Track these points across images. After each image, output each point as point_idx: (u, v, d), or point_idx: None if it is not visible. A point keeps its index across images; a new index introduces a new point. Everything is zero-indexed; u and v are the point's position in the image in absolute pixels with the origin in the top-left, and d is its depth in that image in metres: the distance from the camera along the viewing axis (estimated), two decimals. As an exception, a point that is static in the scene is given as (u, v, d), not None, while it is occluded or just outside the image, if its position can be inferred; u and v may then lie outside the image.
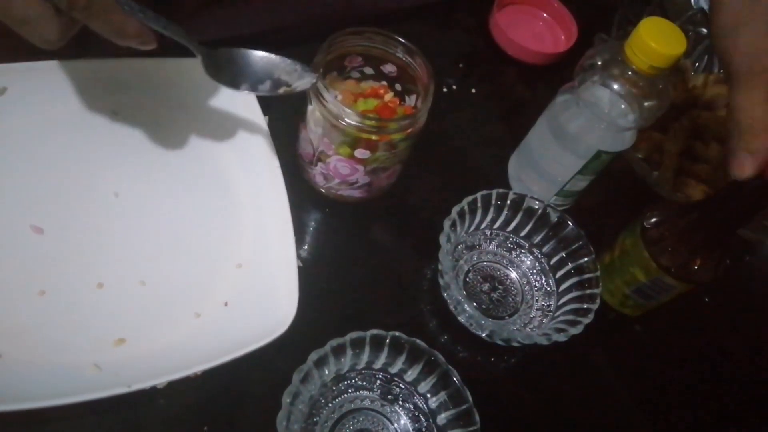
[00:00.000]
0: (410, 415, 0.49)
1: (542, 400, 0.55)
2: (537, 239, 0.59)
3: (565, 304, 0.56)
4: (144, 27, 0.44)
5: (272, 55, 0.50)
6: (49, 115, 0.54)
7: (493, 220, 0.59)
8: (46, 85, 0.54)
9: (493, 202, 0.57)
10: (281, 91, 0.50)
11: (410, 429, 0.49)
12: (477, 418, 0.46)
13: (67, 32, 0.41)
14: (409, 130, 0.50)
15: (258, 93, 0.50)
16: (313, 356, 0.44)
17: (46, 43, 0.41)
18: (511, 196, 0.57)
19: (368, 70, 0.56)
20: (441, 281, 0.54)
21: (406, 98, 0.57)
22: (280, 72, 0.50)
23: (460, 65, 0.73)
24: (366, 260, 0.57)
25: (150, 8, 0.44)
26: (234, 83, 0.49)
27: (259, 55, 0.50)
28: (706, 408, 0.58)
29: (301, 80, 0.49)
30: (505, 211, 0.58)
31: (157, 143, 0.56)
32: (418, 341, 0.47)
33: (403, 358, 0.48)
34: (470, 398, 0.46)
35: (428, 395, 0.49)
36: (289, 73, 0.50)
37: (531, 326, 0.56)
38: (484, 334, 0.53)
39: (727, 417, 0.58)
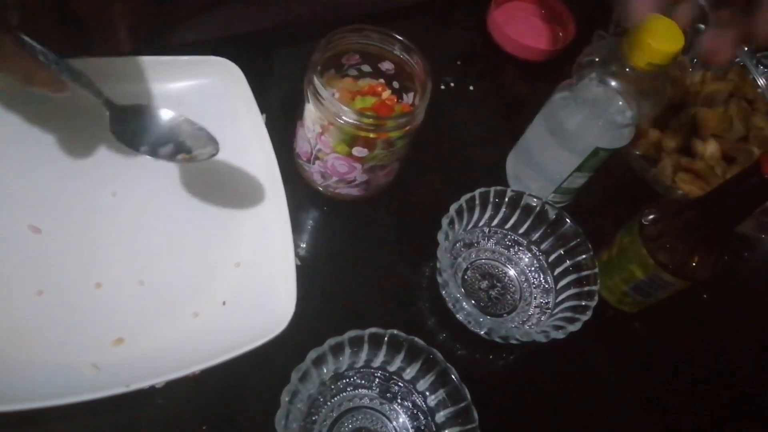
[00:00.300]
0: (409, 413, 0.49)
1: (541, 397, 0.55)
2: (535, 236, 0.59)
3: (563, 301, 0.56)
4: (55, 76, 0.44)
5: (180, 117, 0.50)
6: (46, 114, 0.54)
7: (492, 218, 0.59)
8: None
9: (491, 199, 0.57)
10: (180, 157, 0.49)
11: (409, 427, 0.49)
12: (475, 415, 0.46)
13: None
14: (407, 128, 0.50)
15: (157, 156, 0.49)
16: (312, 355, 0.44)
17: None
18: (509, 193, 0.57)
19: (366, 68, 0.56)
20: (439, 279, 0.54)
21: (404, 96, 0.57)
22: (185, 136, 0.49)
23: (458, 62, 0.73)
24: (364, 258, 0.57)
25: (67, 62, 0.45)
26: (135, 142, 0.49)
27: (166, 115, 0.50)
28: (705, 404, 0.58)
29: (203, 149, 0.49)
30: (503, 209, 0.58)
31: (155, 142, 0.56)
32: (416, 339, 0.47)
33: (401, 356, 0.48)
34: (469, 396, 0.46)
35: (427, 393, 0.49)
36: (194, 138, 0.49)
37: (529, 324, 0.56)
38: (482, 332, 0.53)
39: (725, 414, 0.58)
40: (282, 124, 0.57)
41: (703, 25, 0.76)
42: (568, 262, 0.57)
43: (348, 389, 0.49)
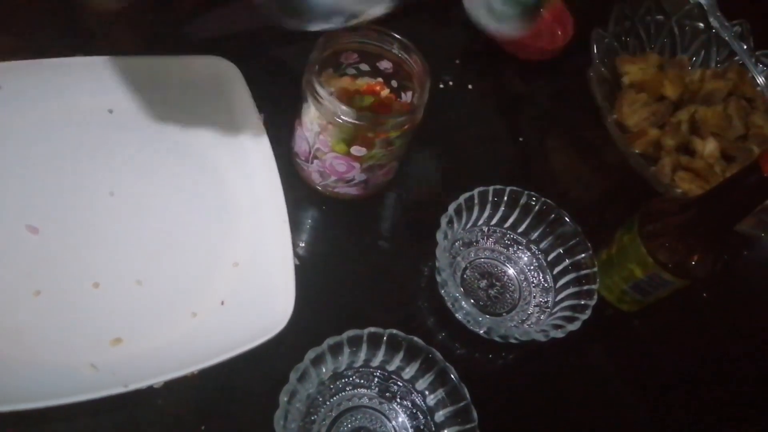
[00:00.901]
0: (408, 412, 0.49)
1: (540, 396, 0.55)
2: (534, 235, 0.59)
3: (562, 300, 0.56)
4: None
5: None
6: (44, 113, 0.54)
7: (490, 217, 0.59)
8: (41, 84, 0.54)
9: (490, 198, 0.57)
10: (353, 21, 0.44)
11: (408, 426, 0.49)
12: (475, 415, 0.46)
13: None
14: (406, 127, 0.50)
15: (330, 26, 0.44)
16: (310, 354, 0.44)
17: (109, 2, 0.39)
18: (508, 192, 0.57)
19: (364, 67, 0.56)
20: (438, 278, 0.54)
21: (402, 95, 0.56)
22: None
23: (457, 61, 0.73)
24: (363, 258, 0.57)
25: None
26: (304, 19, 0.43)
27: None
28: (704, 403, 0.58)
29: (373, 3, 0.43)
30: (502, 208, 0.58)
31: (153, 142, 0.56)
32: (415, 339, 0.47)
33: (400, 355, 0.48)
34: (468, 395, 0.46)
35: (426, 392, 0.49)
36: None
37: (529, 323, 0.56)
38: (481, 331, 0.53)
39: (724, 412, 0.58)
40: (280, 124, 0.57)
41: (702, 24, 0.76)
42: (567, 260, 0.57)
43: (347, 389, 0.49)
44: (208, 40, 0.62)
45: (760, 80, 0.75)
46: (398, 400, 0.50)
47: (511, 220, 0.59)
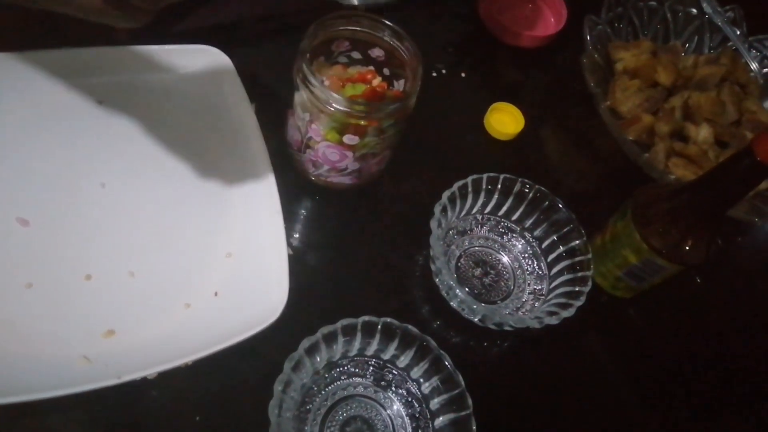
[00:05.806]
0: (403, 400, 0.49)
1: (535, 383, 0.55)
2: (528, 223, 0.59)
3: (557, 287, 0.56)
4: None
5: None
6: (33, 105, 0.53)
7: (484, 205, 0.59)
8: (30, 75, 0.53)
9: (484, 186, 0.57)
10: None
11: (403, 414, 0.49)
12: (470, 402, 0.46)
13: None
14: (398, 115, 0.50)
15: None
16: (305, 344, 0.44)
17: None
18: (502, 180, 0.57)
19: (356, 55, 0.56)
20: (433, 267, 0.54)
21: (395, 83, 0.56)
22: None
23: (450, 49, 0.73)
24: (357, 247, 0.57)
25: None
26: None
27: None
28: (698, 388, 0.58)
29: None
30: (496, 196, 0.58)
31: (144, 133, 0.55)
32: (410, 327, 0.47)
33: (395, 344, 0.48)
34: (463, 382, 0.46)
35: (421, 380, 0.49)
36: None
37: (523, 310, 0.56)
38: (476, 319, 0.53)
39: (718, 397, 0.58)
40: (272, 113, 0.57)
41: (695, 10, 0.76)
42: (561, 248, 0.57)
43: (342, 378, 0.49)
44: (198, 30, 0.62)
45: (754, 66, 0.75)
46: (393, 388, 0.50)
47: (505, 208, 0.59)
